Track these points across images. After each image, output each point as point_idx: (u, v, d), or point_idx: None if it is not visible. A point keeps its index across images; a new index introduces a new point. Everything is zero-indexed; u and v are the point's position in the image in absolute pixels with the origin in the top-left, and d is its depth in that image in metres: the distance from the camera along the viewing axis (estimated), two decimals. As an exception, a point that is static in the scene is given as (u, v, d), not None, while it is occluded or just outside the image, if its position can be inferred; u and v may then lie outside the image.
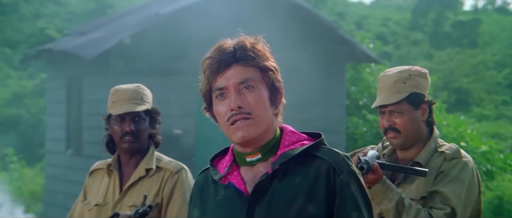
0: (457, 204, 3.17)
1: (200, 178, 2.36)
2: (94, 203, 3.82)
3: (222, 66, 2.20)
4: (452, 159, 3.28)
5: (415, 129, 3.31)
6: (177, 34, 12.55)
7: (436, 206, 3.17)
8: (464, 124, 16.13)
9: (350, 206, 2.15)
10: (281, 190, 2.16)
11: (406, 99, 3.29)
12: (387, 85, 3.33)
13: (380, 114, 3.36)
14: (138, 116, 3.74)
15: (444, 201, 3.18)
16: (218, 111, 2.22)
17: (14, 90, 24.28)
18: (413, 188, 3.26)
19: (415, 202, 3.21)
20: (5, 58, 25.96)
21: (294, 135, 2.26)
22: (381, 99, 3.32)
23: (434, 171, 3.26)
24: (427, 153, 3.30)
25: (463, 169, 3.26)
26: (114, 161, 3.84)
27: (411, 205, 3.15)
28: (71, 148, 13.99)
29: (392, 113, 3.31)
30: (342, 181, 2.16)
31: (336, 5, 37.70)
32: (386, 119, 3.33)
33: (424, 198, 3.23)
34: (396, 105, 3.29)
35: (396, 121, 3.30)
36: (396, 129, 3.30)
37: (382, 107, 3.33)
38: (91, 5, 30.63)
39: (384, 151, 3.43)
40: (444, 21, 33.22)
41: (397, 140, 3.31)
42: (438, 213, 3.15)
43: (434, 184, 3.24)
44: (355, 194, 2.17)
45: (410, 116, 3.30)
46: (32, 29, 27.13)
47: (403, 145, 3.32)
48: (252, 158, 2.22)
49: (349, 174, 2.18)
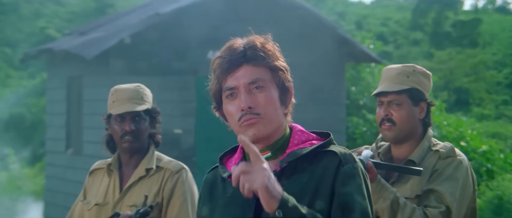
0: (452, 202, 3.18)
1: (209, 176, 2.37)
2: (94, 202, 3.82)
3: (233, 66, 2.21)
4: (447, 158, 3.28)
5: (410, 124, 3.31)
6: (177, 34, 12.54)
7: (431, 205, 3.18)
8: (464, 124, 16.13)
9: (354, 190, 2.15)
10: (289, 188, 2.16)
11: (406, 92, 3.30)
12: (390, 76, 3.35)
13: (379, 104, 3.37)
14: (138, 116, 3.74)
15: (439, 200, 3.18)
16: (229, 111, 2.23)
17: (14, 90, 24.29)
18: (408, 187, 3.27)
19: (410, 200, 3.21)
20: (5, 58, 25.96)
21: (303, 134, 2.28)
22: (382, 87, 3.34)
23: (429, 170, 3.26)
24: (421, 151, 3.31)
25: (458, 167, 3.26)
26: (114, 161, 3.84)
27: (406, 204, 3.15)
28: (71, 148, 13.99)
29: (390, 103, 3.32)
30: (346, 171, 2.17)
31: (336, 5, 37.70)
32: (384, 108, 3.33)
33: (419, 196, 3.23)
34: (396, 95, 3.30)
35: (394, 113, 3.31)
36: (392, 120, 3.30)
37: (381, 96, 3.34)
38: (91, 5, 30.62)
39: (379, 150, 3.44)
40: (444, 21, 33.20)
41: (391, 132, 3.31)
42: (433, 212, 3.15)
43: (429, 182, 3.24)
44: (359, 183, 2.17)
45: (408, 110, 3.31)
46: (32, 28, 27.13)
47: (396, 138, 3.32)
48: (262, 156, 2.22)
49: (355, 167, 2.19)
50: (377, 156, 3.42)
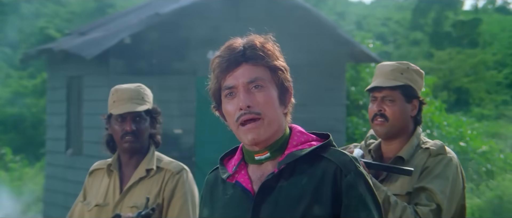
0: (443, 200, 3.19)
1: (210, 177, 2.37)
2: (94, 203, 3.81)
3: (232, 65, 2.20)
4: (437, 155, 3.29)
5: (402, 120, 3.33)
6: (177, 34, 12.54)
7: (422, 203, 3.19)
8: (464, 124, 16.13)
9: (358, 206, 2.14)
10: (288, 190, 2.16)
11: (400, 88, 3.32)
12: (384, 72, 3.37)
13: (372, 100, 3.39)
14: (139, 116, 3.74)
15: (430, 198, 3.19)
16: (227, 110, 2.22)
17: (14, 90, 24.27)
18: (398, 184, 3.28)
19: (401, 197, 3.22)
20: (5, 58, 25.94)
21: (303, 135, 2.26)
22: (376, 82, 3.36)
23: (419, 167, 3.27)
24: (410, 148, 3.32)
25: (448, 165, 3.27)
26: (114, 161, 3.83)
27: (397, 203, 3.15)
28: (71, 148, 13.99)
29: (384, 99, 3.33)
30: (349, 181, 2.16)
31: (336, 5, 37.68)
32: (377, 104, 3.35)
33: (410, 193, 3.24)
34: (390, 91, 3.32)
35: (387, 108, 3.32)
36: (385, 115, 3.32)
37: (375, 92, 3.35)
38: (91, 5, 30.60)
39: (369, 147, 3.45)
40: (444, 21, 33.19)
41: (383, 127, 3.32)
42: (423, 210, 3.16)
43: (419, 180, 3.25)
44: (363, 194, 2.16)
45: (401, 107, 3.33)
46: (32, 28, 27.10)
47: (387, 134, 3.33)
48: (261, 156, 2.22)
49: (357, 175, 2.17)
50: (367, 153, 3.43)
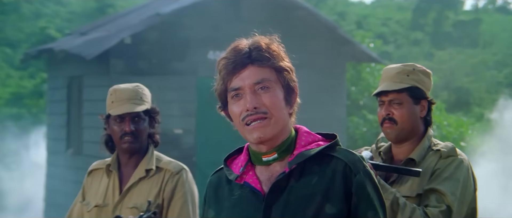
0: (453, 202, 3.17)
1: (213, 178, 2.37)
2: (93, 204, 3.79)
3: (238, 67, 2.22)
4: (448, 157, 3.27)
5: (412, 122, 3.31)
6: (177, 34, 12.54)
7: (431, 204, 3.16)
8: (464, 124, 16.12)
9: (366, 206, 2.17)
10: (298, 190, 2.17)
11: (407, 90, 3.30)
12: (390, 75, 3.36)
13: (380, 104, 3.37)
14: (138, 116, 3.72)
15: (440, 199, 3.17)
16: (234, 111, 2.23)
17: (14, 90, 24.27)
18: (408, 186, 3.26)
19: (411, 199, 3.20)
20: (5, 58, 25.94)
21: (310, 135, 2.28)
22: (383, 86, 3.34)
23: (430, 169, 3.25)
24: (421, 150, 3.30)
25: (459, 166, 3.25)
26: (113, 161, 3.81)
27: (406, 204, 3.14)
28: (71, 148, 13.99)
29: (391, 102, 3.32)
30: (359, 181, 2.18)
31: (336, 5, 37.69)
32: (385, 108, 3.34)
33: (420, 195, 3.22)
34: (397, 94, 3.30)
35: (395, 112, 3.31)
36: (393, 119, 3.30)
37: (382, 96, 3.34)
38: (91, 5, 30.61)
39: (380, 149, 3.44)
40: (444, 21, 33.20)
41: (393, 131, 3.31)
42: (433, 211, 3.14)
43: (429, 182, 3.23)
44: (371, 194, 2.19)
45: (409, 109, 3.31)
46: (32, 28, 27.10)
47: (397, 137, 3.32)
48: (269, 157, 2.23)
49: (365, 174, 2.20)
50: (378, 155, 3.42)
